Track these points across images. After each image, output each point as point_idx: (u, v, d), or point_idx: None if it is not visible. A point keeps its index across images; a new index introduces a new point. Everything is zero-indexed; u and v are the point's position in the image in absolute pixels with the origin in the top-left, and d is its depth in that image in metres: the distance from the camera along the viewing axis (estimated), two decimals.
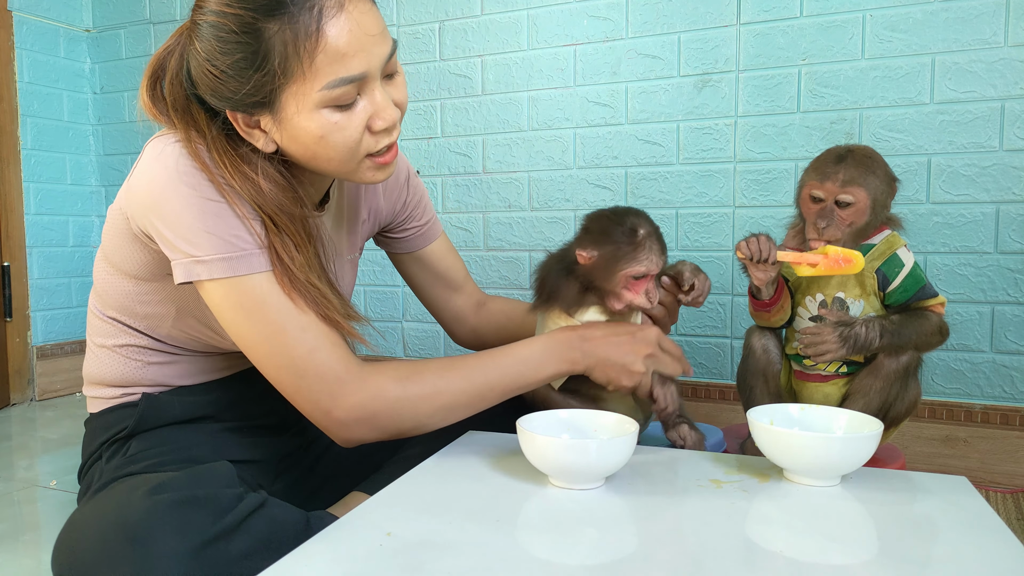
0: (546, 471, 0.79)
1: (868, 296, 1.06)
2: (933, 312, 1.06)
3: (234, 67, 0.78)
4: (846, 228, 1.02)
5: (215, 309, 0.85)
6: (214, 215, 0.81)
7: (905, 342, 1.03)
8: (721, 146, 1.63)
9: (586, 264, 0.98)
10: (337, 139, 0.81)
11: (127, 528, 0.66)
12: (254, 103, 0.80)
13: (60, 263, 2.29)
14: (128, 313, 0.96)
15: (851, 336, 1.02)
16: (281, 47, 0.76)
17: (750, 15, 1.58)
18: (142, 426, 0.94)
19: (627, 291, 0.97)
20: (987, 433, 1.44)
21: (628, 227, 0.96)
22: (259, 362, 0.86)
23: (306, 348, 0.83)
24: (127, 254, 0.91)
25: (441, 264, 1.22)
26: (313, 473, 1.10)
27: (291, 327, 0.83)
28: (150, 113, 0.87)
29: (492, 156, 1.86)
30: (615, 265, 0.96)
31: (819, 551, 0.62)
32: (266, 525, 0.71)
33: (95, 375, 0.99)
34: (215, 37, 0.78)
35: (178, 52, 0.86)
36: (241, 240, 0.82)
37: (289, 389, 0.86)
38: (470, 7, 1.85)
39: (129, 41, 2.31)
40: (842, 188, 1.01)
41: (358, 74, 0.78)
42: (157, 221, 0.82)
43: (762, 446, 0.80)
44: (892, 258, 1.05)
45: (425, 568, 0.60)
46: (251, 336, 0.84)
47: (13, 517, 1.28)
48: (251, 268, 0.82)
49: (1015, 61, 1.39)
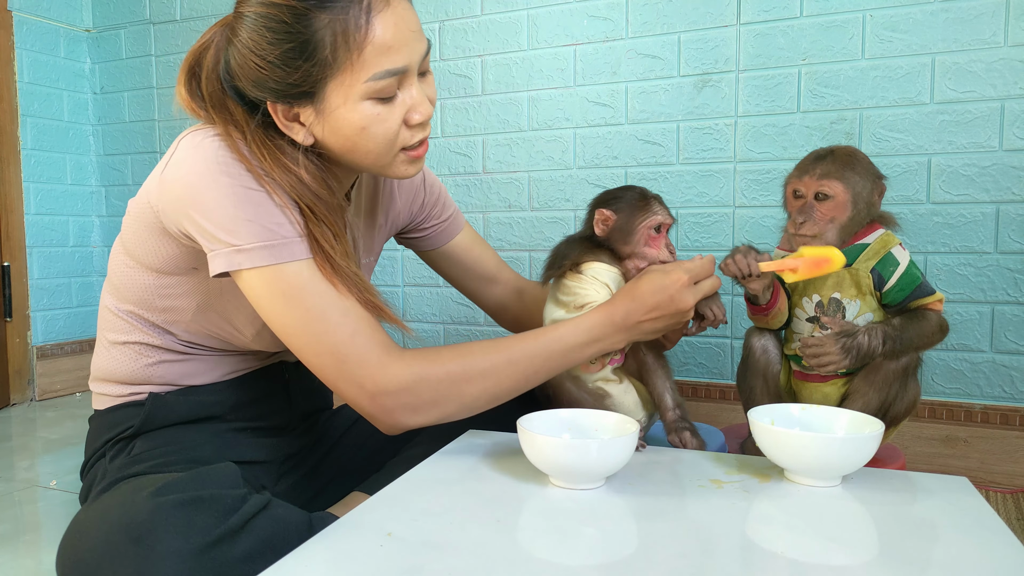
0: (547, 471, 0.79)
1: (864, 296, 1.05)
2: (932, 311, 1.05)
3: (282, 57, 0.80)
4: (827, 223, 1.02)
5: (254, 299, 0.84)
6: (254, 204, 0.81)
7: (908, 346, 1.03)
8: (721, 146, 1.63)
9: (606, 225, 1.02)
10: (378, 131, 0.83)
11: (132, 528, 0.66)
12: (299, 93, 0.82)
13: (60, 263, 2.29)
14: (146, 307, 0.95)
15: (854, 347, 1.02)
16: (331, 38, 0.78)
17: (750, 15, 1.58)
18: (147, 426, 0.94)
19: (648, 247, 1.01)
20: (987, 433, 1.44)
21: (635, 191, 1.04)
22: (300, 350, 0.85)
23: (348, 332, 0.83)
24: (151, 247, 0.90)
25: (468, 256, 1.22)
26: (316, 474, 1.10)
27: (332, 312, 0.83)
28: (188, 107, 0.88)
29: (492, 156, 1.86)
30: (633, 220, 1.00)
31: (820, 551, 0.62)
32: (270, 526, 0.71)
33: (104, 371, 0.99)
34: (264, 27, 0.80)
35: (214, 47, 0.87)
36: (282, 228, 0.82)
37: (332, 375, 0.85)
38: (470, 7, 1.86)
39: (129, 41, 2.31)
40: (819, 181, 1.02)
41: (401, 67, 0.81)
42: (195, 213, 0.82)
43: (763, 446, 0.80)
44: (887, 257, 1.04)
45: (425, 568, 0.60)
46: (292, 324, 0.83)
47: (13, 517, 1.28)
48: (292, 255, 0.82)
49: (1015, 61, 1.39)
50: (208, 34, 0.88)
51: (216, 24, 0.88)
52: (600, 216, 1.02)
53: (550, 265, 1.05)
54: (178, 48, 2.24)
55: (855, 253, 1.05)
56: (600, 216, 1.02)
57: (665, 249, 1.01)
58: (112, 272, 0.97)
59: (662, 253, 1.01)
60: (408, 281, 1.99)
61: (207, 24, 2.19)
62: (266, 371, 1.05)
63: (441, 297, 1.93)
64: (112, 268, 0.97)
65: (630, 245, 1.01)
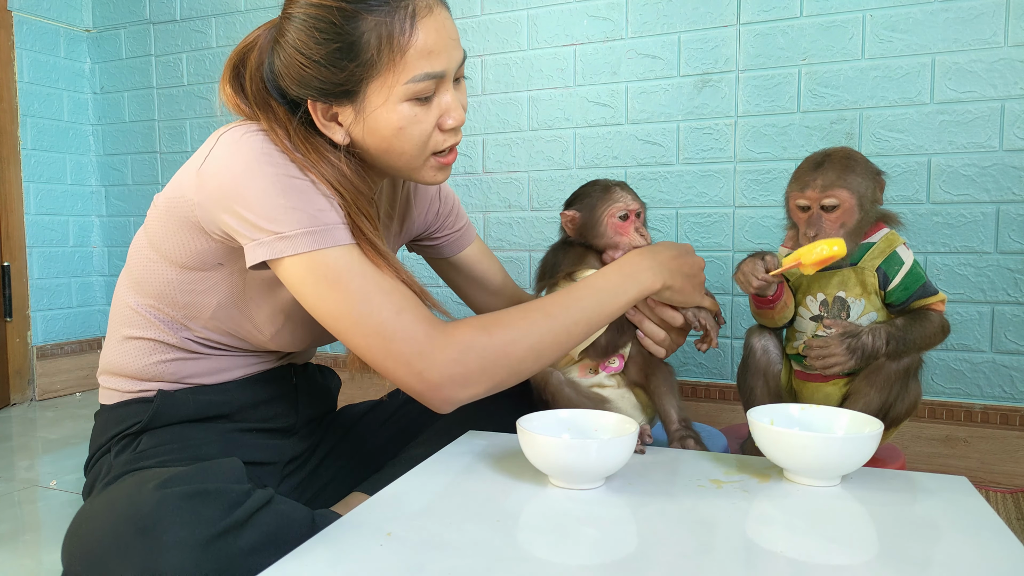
0: (546, 471, 0.79)
1: (869, 295, 1.05)
2: (934, 311, 1.05)
3: (328, 56, 0.82)
4: (838, 230, 1.02)
5: (296, 287, 0.84)
6: (298, 191, 0.83)
7: (911, 346, 1.03)
8: (721, 146, 1.63)
9: (573, 225, 1.03)
10: (414, 132, 0.86)
11: (137, 520, 0.66)
12: (340, 92, 0.84)
13: (60, 263, 2.29)
14: (167, 302, 0.95)
15: (859, 347, 1.02)
16: (376, 40, 0.81)
17: (750, 15, 1.58)
18: (155, 422, 0.94)
19: (619, 235, 1.02)
20: (987, 433, 1.44)
21: (598, 184, 1.05)
22: (345, 333, 0.84)
23: (393, 310, 0.83)
24: (179, 241, 0.91)
25: (477, 268, 1.24)
26: (317, 475, 1.10)
27: (375, 292, 0.83)
28: (232, 104, 0.91)
29: (492, 156, 1.86)
30: (596, 211, 1.02)
31: (819, 551, 0.62)
32: (274, 520, 0.71)
33: (114, 365, 0.99)
34: (313, 27, 0.83)
35: (259, 47, 0.90)
36: (324, 214, 0.83)
37: (379, 355, 0.84)
38: (470, 7, 1.86)
39: (129, 41, 2.31)
40: (823, 193, 1.01)
41: (440, 71, 0.84)
42: (237, 205, 0.82)
43: (762, 446, 0.80)
44: (892, 256, 1.04)
45: (425, 568, 0.60)
46: (336, 308, 0.83)
47: (13, 517, 1.28)
48: (336, 240, 0.83)
49: (1015, 61, 1.39)
50: (254, 35, 0.91)
51: (263, 26, 0.91)
52: (565, 218, 1.04)
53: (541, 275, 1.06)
54: (178, 48, 2.24)
55: (860, 252, 1.05)
56: (565, 218, 1.04)
57: (635, 233, 1.02)
58: (133, 266, 0.97)
59: (633, 238, 1.01)
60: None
61: (207, 24, 2.19)
62: (275, 373, 1.06)
63: (441, 297, 1.93)
64: (133, 262, 0.97)
65: (602, 238, 1.02)
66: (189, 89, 2.24)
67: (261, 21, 2.11)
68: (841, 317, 1.07)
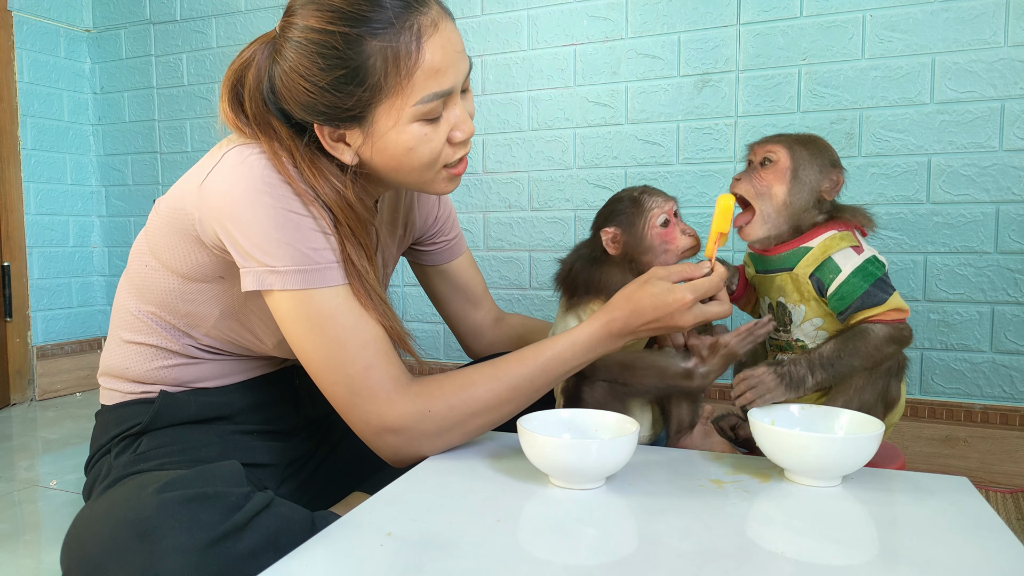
0: (547, 471, 0.79)
1: (808, 302, 0.98)
2: (875, 324, 0.93)
3: (334, 83, 0.80)
4: (764, 188, 0.97)
5: (280, 319, 0.85)
6: (294, 227, 0.82)
7: (846, 370, 0.93)
8: (721, 146, 1.63)
9: (616, 243, 0.99)
10: (424, 151, 0.85)
11: (136, 524, 0.66)
12: (348, 117, 0.83)
13: (60, 263, 2.29)
14: (168, 310, 0.95)
15: (785, 375, 0.93)
16: (382, 64, 0.79)
17: (750, 15, 1.58)
18: (155, 423, 0.94)
19: (667, 243, 0.97)
20: (987, 433, 1.44)
21: (624, 196, 1.01)
22: (316, 375, 0.87)
23: (362, 366, 0.84)
24: (180, 252, 0.90)
25: (462, 279, 1.24)
26: (316, 477, 1.10)
27: (352, 344, 0.84)
28: (232, 126, 0.88)
29: (492, 156, 1.86)
30: (637, 227, 0.97)
31: (820, 551, 0.62)
32: (273, 523, 0.71)
33: (115, 368, 0.99)
34: (315, 52, 0.80)
35: (256, 65, 0.87)
36: (318, 254, 0.83)
37: (342, 404, 0.87)
38: (470, 7, 1.85)
39: (129, 41, 2.31)
40: (766, 146, 0.98)
41: (448, 88, 0.83)
42: (233, 228, 0.82)
43: (763, 446, 0.80)
44: (826, 263, 0.95)
45: (425, 568, 0.60)
46: (312, 349, 0.85)
47: (13, 517, 1.28)
48: (324, 282, 0.83)
49: (1015, 61, 1.39)
50: (248, 51, 0.88)
51: (256, 41, 0.88)
52: (607, 236, 0.98)
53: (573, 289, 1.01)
54: (178, 48, 2.24)
55: (797, 256, 0.98)
56: (607, 236, 0.98)
57: (683, 236, 0.98)
58: (134, 271, 0.96)
59: (683, 241, 0.98)
60: (408, 281, 1.99)
61: (207, 24, 2.19)
62: (277, 375, 1.06)
63: None
64: (134, 267, 0.97)
65: (649, 252, 0.97)
66: (189, 89, 2.24)
67: (261, 21, 2.12)
68: (785, 323, 1.01)
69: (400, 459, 0.89)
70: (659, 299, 0.88)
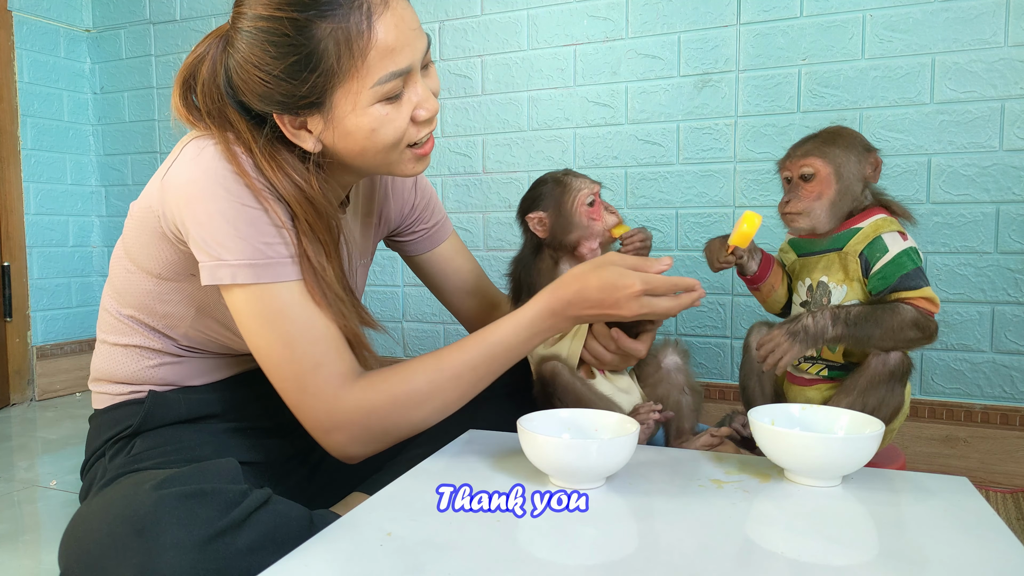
0: (547, 471, 0.79)
1: (851, 282, 1.02)
2: (909, 305, 0.97)
3: (287, 70, 0.79)
4: (813, 200, 1.01)
5: (235, 313, 0.85)
6: (247, 221, 0.82)
7: (866, 334, 0.96)
8: (721, 146, 1.63)
9: (544, 226, 1.02)
10: (388, 131, 0.83)
11: (134, 520, 0.66)
12: (306, 104, 0.82)
13: (60, 263, 2.29)
14: (147, 311, 0.95)
15: (799, 330, 0.96)
16: (334, 47, 0.78)
17: (750, 15, 1.58)
18: (147, 424, 0.94)
19: (592, 221, 1.01)
20: (987, 433, 1.44)
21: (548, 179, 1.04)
22: (268, 371, 0.87)
23: (312, 363, 0.84)
24: (152, 252, 0.91)
25: (450, 266, 1.23)
26: (315, 476, 1.10)
27: (301, 339, 0.84)
28: (184, 119, 0.88)
29: (492, 156, 1.86)
30: (564, 205, 1.00)
31: (820, 551, 0.62)
32: (271, 520, 0.71)
33: (104, 372, 0.99)
34: (266, 41, 0.79)
35: (210, 58, 0.86)
36: (271, 248, 0.83)
37: (292, 402, 0.87)
38: (470, 7, 1.85)
39: (129, 41, 2.31)
40: (800, 161, 1.02)
41: (405, 67, 0.81)
42: (189, 221, 0.82)
43: (763, 446, 0.80)
44: (875, 241, 1.00)
45: (425, 568, 0.60)
46: (264, 345, 0.85)
47: (13, 517, 1.28)
48: (276, 277, 0.83)
49: (1015, 61, 1.39)
50: (203, 46, 0.88)
51: (209, 35, 0.88)
52: (533, 220, 1.01)
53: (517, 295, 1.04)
54: (178, 48, 2.24)
55: (847, 236, 1.03)
56: (533, 220, 1.01)
57: (607, 214, 1.01)
58: (114, 275, 0.97)
59: (606, 220, 1.01)
60: (408, 281, 1.99)
61: (207, 24, 2.19)
62: None
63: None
64: (114, 271, 0.98)
65: (576, 231, 1.00)
66: None
67: None
68: (823, 303, 1.03)
69: (350, 456, 0.89)
70: (607, 281, 0.87)
